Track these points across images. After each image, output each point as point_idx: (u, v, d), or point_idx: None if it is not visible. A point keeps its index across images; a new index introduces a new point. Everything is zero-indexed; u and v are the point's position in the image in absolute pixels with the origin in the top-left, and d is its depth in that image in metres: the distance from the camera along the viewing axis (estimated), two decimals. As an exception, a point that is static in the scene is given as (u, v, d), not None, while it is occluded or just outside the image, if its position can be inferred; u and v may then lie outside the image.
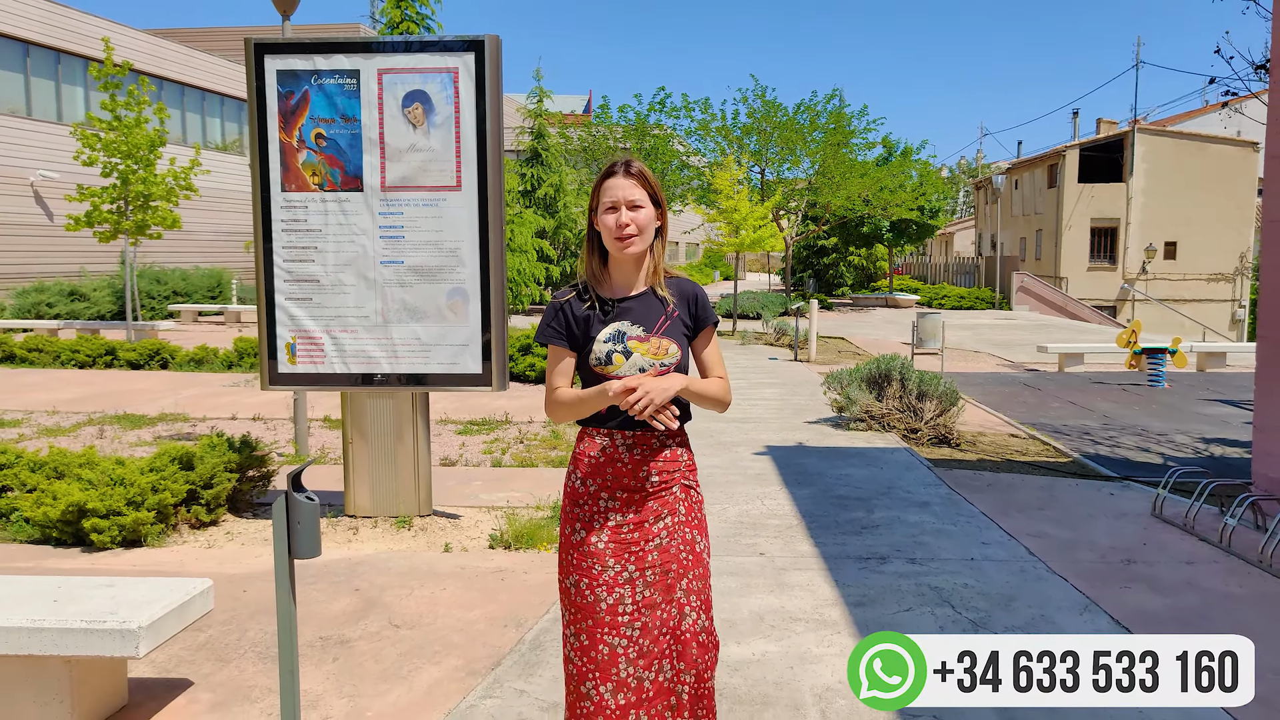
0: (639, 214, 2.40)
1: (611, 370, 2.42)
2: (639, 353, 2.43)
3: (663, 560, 2.43)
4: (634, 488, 2.44)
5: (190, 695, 3.50)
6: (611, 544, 2.42)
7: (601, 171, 2.48)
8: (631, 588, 2.41)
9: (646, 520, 2.44)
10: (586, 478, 2.47)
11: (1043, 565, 5.03)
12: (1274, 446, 5.99)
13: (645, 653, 2.39)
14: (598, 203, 2.45)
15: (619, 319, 2.45)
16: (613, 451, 2.45)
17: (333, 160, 5.51)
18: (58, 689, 3.11)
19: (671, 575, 2.43)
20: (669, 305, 2.49)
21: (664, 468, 2.47)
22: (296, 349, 5.56)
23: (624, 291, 2.49)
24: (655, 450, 2.46)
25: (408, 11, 13.43)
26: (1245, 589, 4.67)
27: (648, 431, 2.44)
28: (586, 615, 2.41)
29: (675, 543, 2.45)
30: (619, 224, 2.39)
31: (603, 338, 2.43)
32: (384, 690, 3.57)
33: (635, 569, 2.41)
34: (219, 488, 5.68)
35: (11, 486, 5.80)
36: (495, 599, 4.50)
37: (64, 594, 3.23)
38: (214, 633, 4.07)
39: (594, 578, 2.41)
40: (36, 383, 12.39)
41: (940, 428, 8.94)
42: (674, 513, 2.46)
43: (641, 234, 2.41)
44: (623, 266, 2.48)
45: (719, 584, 4.66)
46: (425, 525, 5.64)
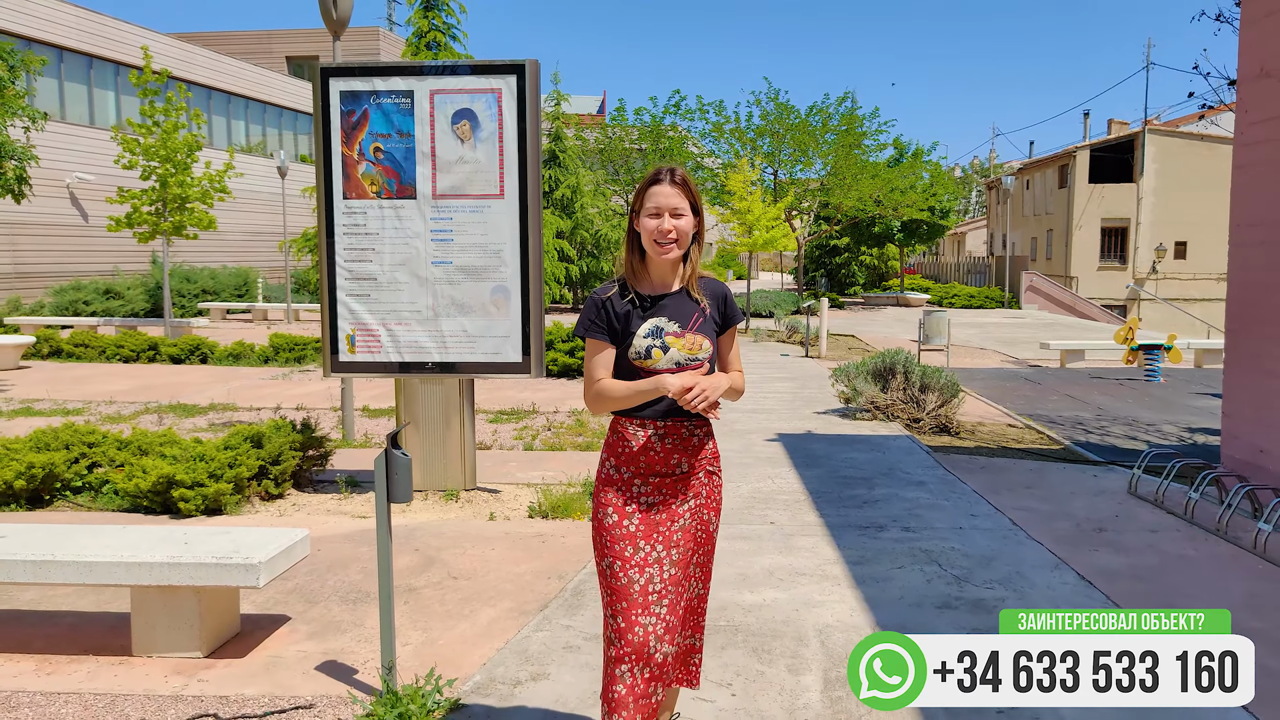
0: (680, 222, 2.58)
1: (650, 364, 2.57)
2: (675, 347, 2.58)
3: (684, 540, 2.64)
4: (665, 473, 2.62)
5: (290, 627, 4.16)
6: (642, 526, 2.59)
7: (647, 176, 2.63)
8: (660, 567, 2.58)
9: (674, 503, 2.63)
10: (620, 465, 2.63)
11: (1023, 533, 5.64)
12: (1240, 430, 6.58)
13: (670, 628, 2.57)
14: (641, 206, 2.60)
15: (656, 315, 2.61)
16: (647, 441, 2.60)
17: (389, 171, 6.17)
18: (189, 615, 3.76)
19: (690, 551, 2.66)
20: (702, 303, 2.66)
21: (692, 456, 2.65)
22: (356, 340, 6.23)
23: (661, 289, 2.66)
24: (684, 439, 2.63)
25: (435, 22, 14.12)
26: (1199, 552, 5.27)
27: (679, 422, 2.62)
28: (621, 598, 2.57)
29: (695, 524, 2.67)
30: (661, 230, 2.56)
31: (642, 333, 2.59)
32: (451, 625, 4.21)
33: (663, 549, 2.60)
34: (285, 464, 6.35)
35: (100, 462, 6.49)
36: (539, 557, 5.15)
37: (191, 539, 3.89)
38: (300, 581, 4.73)
39: (626, 560, 2.58)
40: (88, 375, 13.12)
41: (941, 418, 9.54)
42: (698, 496, 2.67)
43: (680, 241, 2.59)
44: (660, 266, 2.65)
45: (733, 547, 5.30)
46: (470, 498, 6.30)
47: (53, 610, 4.34)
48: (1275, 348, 6.19)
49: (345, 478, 6.72)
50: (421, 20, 14.29)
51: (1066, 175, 39.79)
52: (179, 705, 3.42)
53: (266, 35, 41.12)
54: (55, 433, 6.48)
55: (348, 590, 4.63)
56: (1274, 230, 6.20)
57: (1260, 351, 6.36)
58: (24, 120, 11.04)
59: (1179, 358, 13.58)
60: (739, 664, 3.78)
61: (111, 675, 3.66)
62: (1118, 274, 38.61)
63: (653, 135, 29.12)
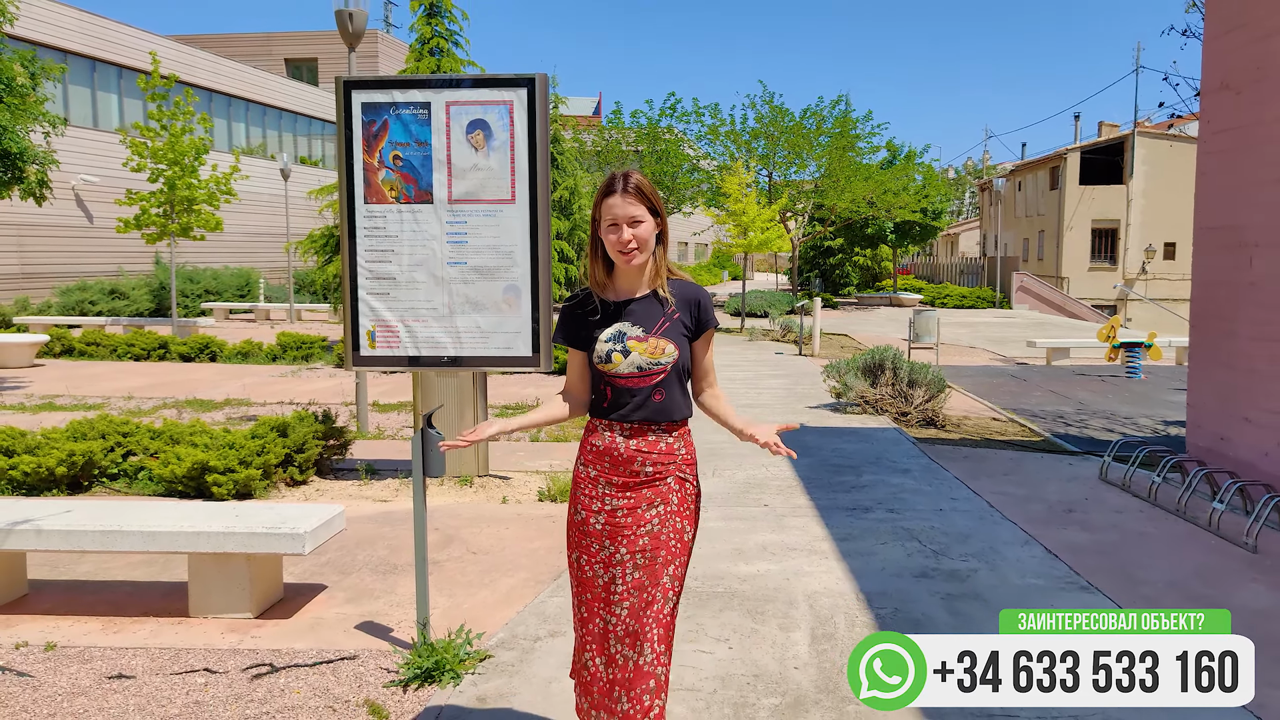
0: (640, 229, 2.55)
1: (611, 368, 2.59)
2: (637, 351, 2.58)
3: (652, 546, 2.59)
4: (630, 474, 2.61)
5: (328, 594, 4.58)
6: (607, 526, 2.60)
7: (601, 187, 2.60)
8: (623, 569, 2.59)
9: (639, 507, 2.60)
10: (589, 464, 2.66)
11: (998, 514, 6.08)
12: (1203, 419, 7.02)
13: (631, 632, 2.55)
14: (599, 217, 2.59)
15: (621, 320, 2.62)
16: (612, 440, 2.62)
17: (407, 178, 6.58)
18: (241, 580, 4.18)
19: (659, 561, 2.59)
20: (669, 306, 2.64)
21: (659, 459, 2.61)
22: (376, 335, 6.63)
23: (628, 294, 2.65)
24: (652, 442, 2.62)
25: (438, 29, 14.58)
26: (1159, 530, 5.71)
27: (646, 425, 2.61)
28: (586, 589, 2.65)
29: (666, 530, 2.61)
30: (621, 241, 2.55)
31: (604, 338, 2.60)
32: (473, 592, 4.64)
33: (626, 552, 2.58)
34: (309, 452, 6.76)
35: (135, 451, 6.89)
36: (549, 535, 5.57)
37: (241, 512, 4.31)
38: (332, 556, 5.15)
39: (592, 555, 2.63)
40: (102, 373, 13.51)
41: (928, 412, 9.98)
42: (666, 502, 2.61)
43: (643, 247, 2.57)
44: (627, 273, 2.64)
45: (729, 526, 5.73)
46: (483, 484, 6.73)
47: (110, 580, 4.76)
48: (1234, 343, 6.64)
49: (364, 466, 7.14)
50: (425, 27, 14.77)
51: (1058, 177, 40.33)
52: (237, 656, 3.84)
53: (266, 38, 41.51)
54: (91, 423, 6.89)
55: (377, 563, 5.05)
56: (1233, 234, 6.65)
57: (1220, 346, 6.81)
58: (44, 126, 11.43)
59: (1159, 355, 14.05)
60: (735, 623, 4.21)
61: (173, 633, 4.08)
62: (1108, 274, 39.13)
63: (649, 138, 29.57)
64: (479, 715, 3.36)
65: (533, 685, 3.58)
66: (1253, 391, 6.36)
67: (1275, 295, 6.16)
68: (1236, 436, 6.55)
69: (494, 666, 3.75)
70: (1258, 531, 5.26)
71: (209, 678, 3.66)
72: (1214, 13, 6.98)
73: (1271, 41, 6.24)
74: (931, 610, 4.38)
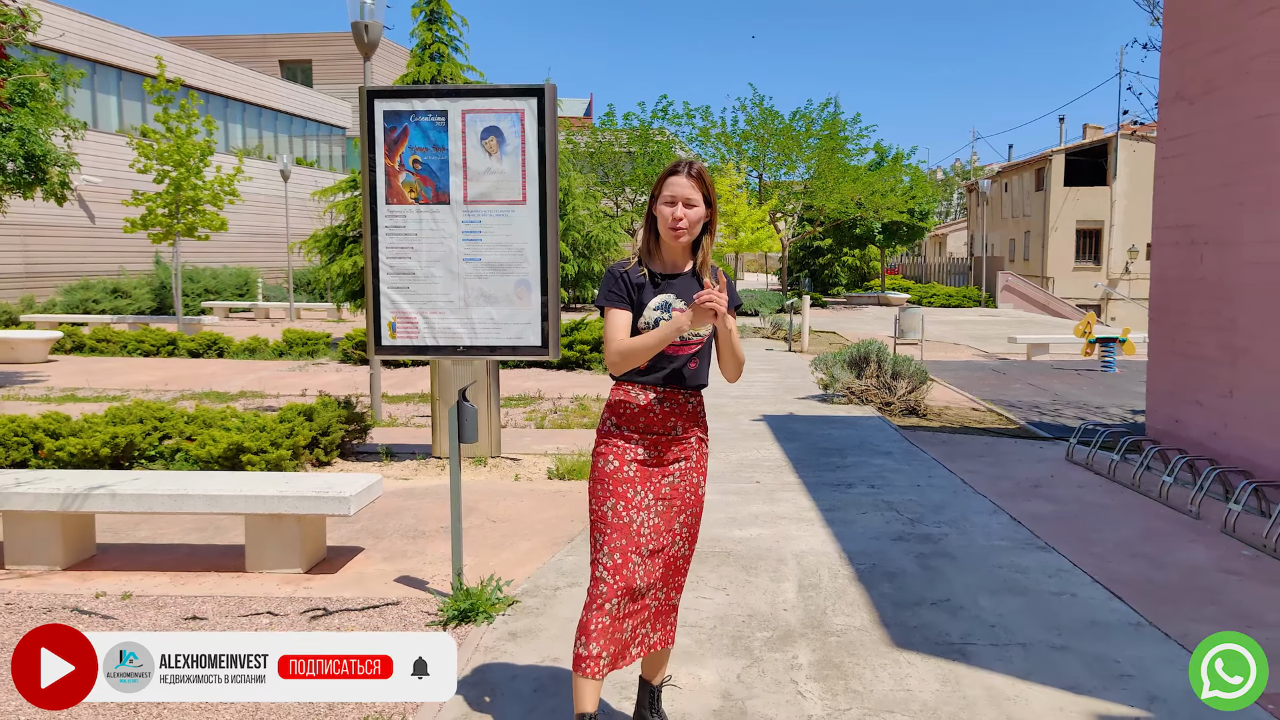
0: (691, 211, 2.80)
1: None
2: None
3: (671, 494, 2.86)
4: (660, 433, 2.87)
5: (365, 554, 5.11)
6: (638, 474, 2.83)
7: (668, 167, 2.87)
8: (649, 513, 2.82)
9: (666, 459, 2.87)
10: (621, 423, 2.87)
11: (970, 489, 6.64)
12: (1159, 404, 7.60)
13: (652, 575, 2.80)
14: (659, 193, 2.82)
15: (667, 291, 2.85)
16: (648, 403, 2.85)
17: (426, 180, 7.12)
18: (292, 539, 4.70)
19: (675, 508, 2.87)
20: (707, 286, 2.84)
21: (686, 420, 2.90)
22: (396, 327, 7.16)
23: (672, 270, 2.90)
24: (681, 404, 2.89)
25: (438, 34, 15.16)
26: (1114, 501, 6.28)
27: (676, 389, 2.87)
28: (621, 534, 2.77)
29: (685, 483, 2.90)
30: (674, 217, 2.79)
31: (652, 305, 2.82)
32: (496, 553, 5.17)
33: (653, 498, 2.83)
34: (334, 435, 7.28)
35: (171, 434, 7.40)
36: (561, 506, 6.11)
37: (290, 479, 4.83)
38: (364, 524, 5.67)
39: (629, 501, 2.80)
40: (116, 368, 13.98)
41: (911, 402, 10.55)
42: (688, 458, 2.91)
43: (690, 229, 2.82)
44: (672, 250, 2.88)
45: (724, 499, 6.27)
46: (496, 464, 7.25)
47: (168, 543, 5.27)
48: (1187, 333, 7.22)
49: (384, 449, 7.66)
50: (425, 33, 15.35)
51: (1043, 178, 41.04)
52: (294, 603, 4.36)
53: (261, 39, 41.91)
54: (129, 409, 7.39)
55: (406, 530, 5.58)
56: (1185, 233, 7.23)
57: (1175, 336, 7.39)
58: (64, 129, 11.90)
59: (1133, 350, 14.65)
60: (731, 576, 4.75)
61: (234, 584, 4.60)
62: (1092, 274, 39.84)
63: (641, 139, 30.13)
64: (512, 645, 3.90)
65: (557, 623, 4.11)
66: (1202, 377, 6.94)
67: (1221, 288, 6.74)
68: (1189, 419, 7.13)
69: (521, 610, 4.28)
70: (1200, 500, 5.84)
71: (272, 619, 4.18)
72: (1171, 28, 7.56)
73: (1221, 56, 6.81)
74: (906, 565, 4.93)
